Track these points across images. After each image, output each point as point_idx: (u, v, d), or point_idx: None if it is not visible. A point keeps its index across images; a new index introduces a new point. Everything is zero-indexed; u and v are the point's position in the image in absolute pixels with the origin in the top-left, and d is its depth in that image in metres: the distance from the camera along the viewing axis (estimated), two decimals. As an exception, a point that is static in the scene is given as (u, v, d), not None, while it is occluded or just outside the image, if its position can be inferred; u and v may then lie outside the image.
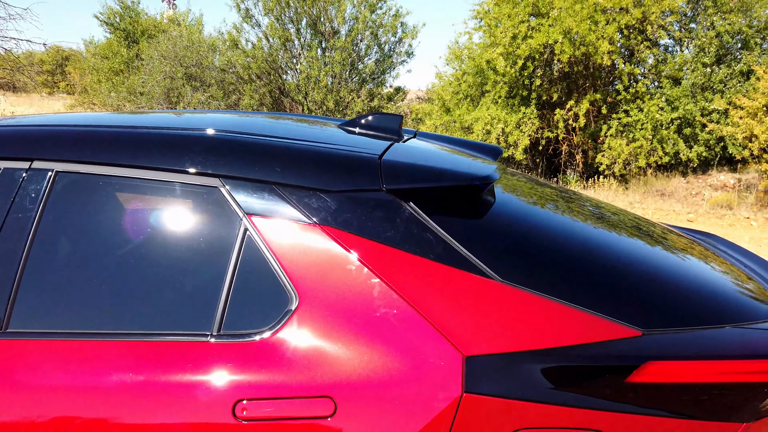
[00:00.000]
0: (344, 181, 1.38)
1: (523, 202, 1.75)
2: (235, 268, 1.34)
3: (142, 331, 1.34)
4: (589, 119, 14.55)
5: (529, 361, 1.18)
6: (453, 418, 1.17)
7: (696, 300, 1.36)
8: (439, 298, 1.24)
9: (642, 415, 1.15)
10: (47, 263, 1.44)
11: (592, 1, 13.04)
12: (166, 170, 1.43)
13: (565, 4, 13.36)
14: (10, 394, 1.30)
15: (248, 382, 1.24)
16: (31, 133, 1.57)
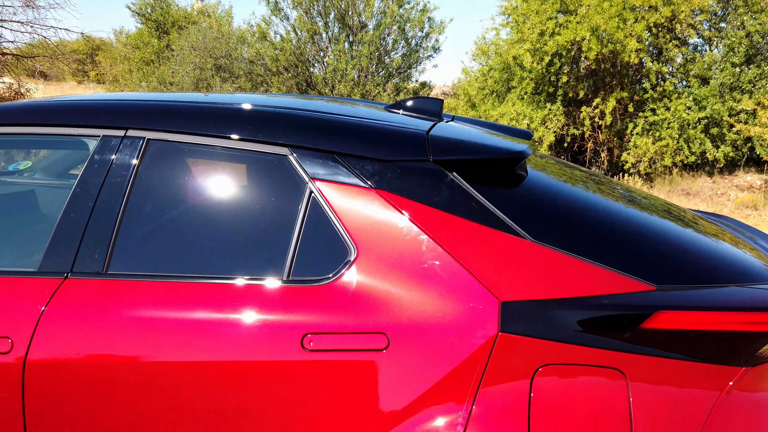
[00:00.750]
0: (397, 151, 1.59)
1: (552, 176, 1.92)
2: (302, 225, 1.56)
3: (223, 275, 1.55)
4: (615, 117, 14.56)
5: (556, 308, 1.37)
6: (489, 353, 1.37)
7: (705, 262, 1.53)
8: (479, 253, 1.44)
9: (654, 356, 1.33)
10: (141, 216, 1.66)
11: (621, -2, 13.06)
12: (242, 140, 1.65)
13: (593, 1, 13.38)
14: (109, 324, 1.52)
15: (314, 320, 1.47)
16: (125, 106, 1.79)
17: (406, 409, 1.38)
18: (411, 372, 1.39)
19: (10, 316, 1.57)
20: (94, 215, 1.64)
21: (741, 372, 1.34)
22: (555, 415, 1.33)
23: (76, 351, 1.52)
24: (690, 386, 1.34)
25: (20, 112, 1.83)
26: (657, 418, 1.31)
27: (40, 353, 1.53)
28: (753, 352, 1.34)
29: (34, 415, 1.53)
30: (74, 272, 1.61)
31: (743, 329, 1.32)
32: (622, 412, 1.31)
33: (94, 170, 1.69)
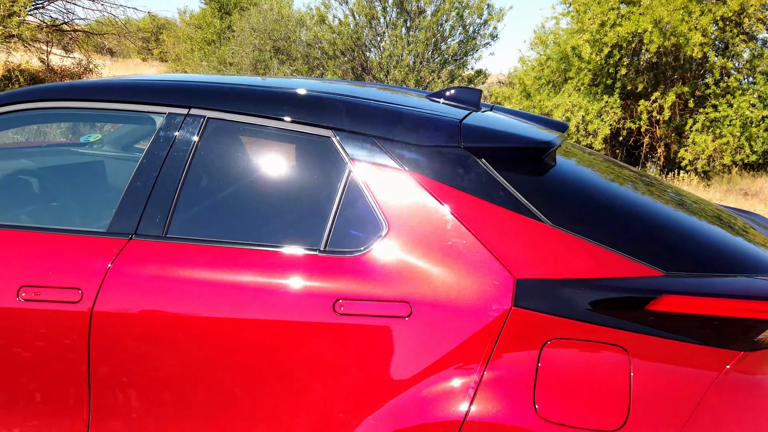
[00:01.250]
0: (430, 137, 1.71)
1: (579, 166, 1.99)
2: (340, 201, 1.71)
3: (268, 243, 1.72)
4: (674, 112, 14.23)
5: (566, 287, 1.49)
6: (503, 325, 1.50)
7: (716, 253, 1.62)
8: (499, 234, 1.57)
9: (656, 336, 1.44)
10: (198, 187, 1.86)
11: (687, -10, 12.71)
12: (291, 122, 1.81)
13: (658, -8, 13.07)
14: (166, 281, 1.72)
15: (345, 287, 1.61)
16: (189, 87, 1.98)
17: (424, 371, 1.52)
18: (430, 338, 1.53)
19: (81, 270, 1.77)
20: (157, 185, 1.83)
21: (739, 356, 1.43)
22: (559, 385, 1.45)
23: (136, 304, 1.72)
24: (689, 366, 1.44)
25: (98, 89, 2.03)
26: (655, 393, 1.41)
27: (105, 304, 1.73)
28: (751, 338, 1.44)
29: (97, 358, 1.73)
30: (138, 234, 1.80)
31: (743, 316, 1.41)
32: (622, 386, 1.42)
33: (159, 144, 1.89)
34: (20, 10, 11.92)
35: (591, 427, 1.41)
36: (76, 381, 1.75)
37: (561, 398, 1.44)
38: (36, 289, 1.76)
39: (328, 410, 1.58)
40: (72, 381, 1.76)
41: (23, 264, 1.81)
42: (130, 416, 1.73)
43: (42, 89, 2.07)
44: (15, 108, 2.03)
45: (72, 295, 1.75)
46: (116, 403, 1.74)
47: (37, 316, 1.77)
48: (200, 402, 1.68)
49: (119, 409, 1.74)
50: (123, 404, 1.74)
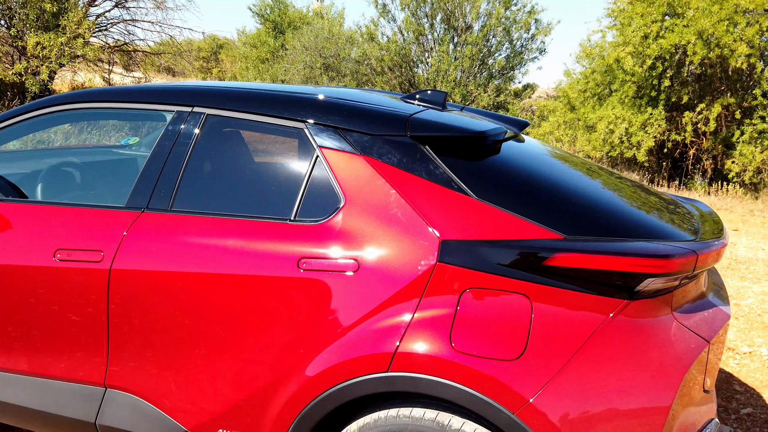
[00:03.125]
0: (382, 128, 2.08)
1: (518, 153, 2.30)
2: (308, 179, 2.08)
3: (251, 213, 2.12)
4: (720, 124, 14.08)
5: (483, 247, 1.81)
6: (429, 277, 1.83)
7: (613, 222, 1.94)
8: (431, 205, 1.91)
9: (554, 287, 1.75)
10: (197, 169, 2.30)
11: (732, 1, 12.63)
12: (272, 116, 2.23)
13: (702, 4, 13.03)
14: (170, 244, 2.13)
15: (308, 249, 1.97)
16: (194, 90, 2.44)
17: (367, 315, 1.86)
18: (372, 289, 1.87)
19: (103, 236, 2.21)
20: (165, 168, 2.25)
21: (623, 304, 1.72)
22: (472, 324, 1.76)
23: (144, 263, 2.12)
24: (580, 310, 1.73)
25: (121, 93, 2.53)
26: (550, 332, 1.71)
27: (121, 263, 2.14)
28: (632, 289, 1.72)
29: (115, 310, 2.15)
30: (149, 208, 2.22)
31: (623, 270, 1.70)
32: (523, 325, 1.73)
33: (168, 136, 2.31)
34: (85, 32, 12.87)
35: (495, 356, 1.71)
36: (99, 323, 2.18)
37: (473, 335, 1.74)
38: (68, 251, 2.22)
39: (292, 345, 1.94)
40: (95, 323, 2.19)
41: (59, 231, 2.28)
42: (139, 348, 2.15)
43: (79, 93, 2.58)
44: (60, 108, 2.55)
45: (95, 256, 2.19)
46: (128, 339, 2.15)
47: (68, 273, 2.22)
48: (193, 337, 2.07)
49: (131, 343, 2.16)
50: (133, 339, 2.15)
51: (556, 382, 1.67)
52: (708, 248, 1.84)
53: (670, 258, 1.70)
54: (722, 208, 11.25)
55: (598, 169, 2.59)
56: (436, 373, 1.75)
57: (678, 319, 1.80)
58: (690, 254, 1.74)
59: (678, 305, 1.83)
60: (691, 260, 1.74)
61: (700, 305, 1.95)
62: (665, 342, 1.74)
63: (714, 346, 1.86)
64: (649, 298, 1.75)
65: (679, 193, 13.33)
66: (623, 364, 1.69)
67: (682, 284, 1.83)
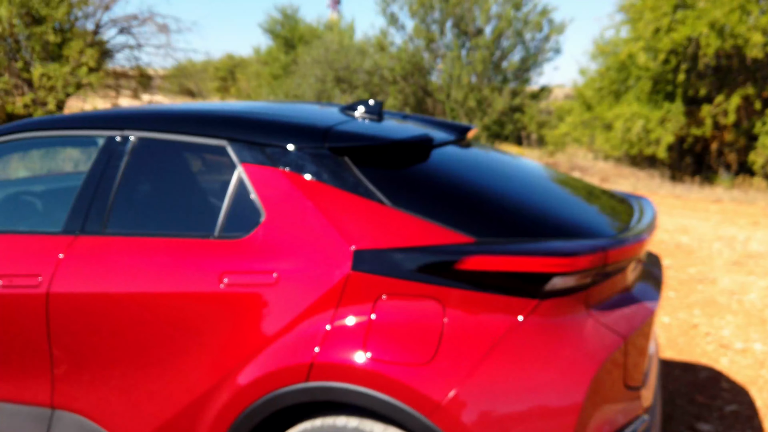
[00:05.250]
0: (300, 141, 2.08)
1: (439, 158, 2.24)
2: (231, 196, 2.09)
3: (178, 231, 2.14)
4: (741, 116, 13.65)
5: (396, 253, 1.82)
6: (344, 285, 1.84)
7: (530, 222, 1.92)
8: (344, 214, 1.92)
9: (464, 290, 1.75)
10: (127, 192, 2.32)
11: (745, -11, 12.26)
12: (195, 135, 2.23)
13: (713, -6, 12.67)
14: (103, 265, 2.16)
15: (230, 263, 1.99)
16: (121, 114, 2.50)
17: (286, 326, 1.88)
18: (291, 300, 1.89)
19: (41, 261, 2.26)
20: (97, 192, 2.30)
21: (533, 303, 1.72)
22: (386, 330, 1.78)
23: (81, 285, 2.16)
24: (490, 312, 1.74)
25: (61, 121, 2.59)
26: (461, 335, 1.72)
27: (58, 287, 2.19)
28: (540, 289, 1.72)
29: (55, 332, 2.20)
30: (83, 231, 2.26)
31: (531, 270, 1.69)
32: (435, 329, 1.74)
33: (99, 160, 2.37)
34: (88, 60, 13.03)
35: (407, 361, 1.72)
36: (41, 345, 2.24)
37: (386, 341, 1.76)
38: (9, 277, 2.30)
39: (219, 360, 1.97)
40: (38, 346, 2.25)
41: (2, 258, 2.36)
42: (80, 368, 2.20)
43: (16, 125, 2.66)
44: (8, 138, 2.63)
45: (33, 281, 2.25)
46: (70, 360, 2.21)
47: (9, 299, 2.29)
48: (128, 356, 2.11)
49: (72, 364, 2.21)
50: (74, 360, 2.20)
51: (467, 385, 1.68)
52: (621, 244, 1.82)
53: (576, 256, 1.70)
54: (744, 202, 10.87)
55: (537, 171, 2.58)
56: (352, 381, 1.76)
57: (594, 316, 1.79)
58: (598, 251, 1.74)
59: (595, 302, 1.81)
60: (600, 257, 1.74)
61: (620, 300, 1.92)
62: (576, 340, 1.74)
63: (635, 340, 1.84)
64: (560, 296, 1.74)
65: (702, 188, 12.93)
66: (534, 363, 1.70)
67: (598, 281, 1.80)
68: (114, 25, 15.46)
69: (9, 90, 13.12)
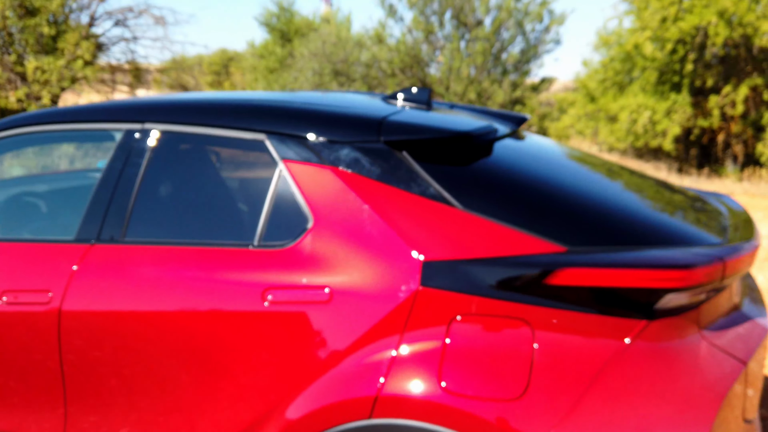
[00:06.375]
0: (351, 134, 1.82)
1: (510, 152, 2.01)
2: (272, 199, 1.83)
3: (210, 240, 1.88)
4: (748, 106, 13.45)
5: (472, 266, 1.56)
6: (412, 305, 1.58)
7: (624, 227, 1.66)
8: (409, 219, 1.66)
9: (558, 309, 1.49)
10: (150, 194, 2.04)
11: (754, -23, 12.05)
12: (228, 128, 1.95)
13: (722, -19, 12.45)
14: (122, 280, 1.89)
15: (273, 278, 1.73)
16: (140, 104, 2.18)
17: (343, 352, 1.63)
18: (348, 321, 1.63)
19: (51, 274, 1.97)
20: (116, 194, 2.02)
21: (640, 325, 1.46)
22: (465, 358, 1.52)
23: (98, 302, 1.89)
24: (590, 336, 1.48)
25: (64, 113, 2.28)
26: (556, 364, 1.46)
27: (72, 304, 1.91)
28: (651, 306, 1.46)
29: (68, 357, 1.92)
30: (99, 239, 1.98)
31: (639, 285, 1.44)
32: (524, 357, 1.48)
33: (117, 157, 2.07)
34: (84, 53, 12.71)
35: (494, 396, 1.47)
36: (53, 372, 1.96)
37: (466, 371, 1.51)
38: (15, 293, 2.00)
39: (263, 392, 1.71)
40: (49, 373, 1.96)
41: (5, 271, 2.06)
42: (98, 399, 1.93)
43: (15, 118, 2.34)
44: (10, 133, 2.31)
45: (43, 297, 1.95)
46: (86, 389, 1.93)
47: (15, 318, 2.00)
48: (155, 384, 1.84)
49: (89, 394, 1.93)
50: (92, 390, 1.92)
51: (568, 424, 1.43)
52: (737, 252, 1.57)
53: (693, 268, 1.45)
54: (757, 195, 10.66)
55: (608, 167, 2.30)
56: (424, 419, 1.52)
57: (708, 338, 1.53)
58: (716, 261, 1.49)
59: (707, 322, 1.56)
60: (718, 268, 1.49)
61: (733, 319, 1.66)
62: (694, 368, 1.49)
63: (753, 366, 1.59)
64: (672, 316, 1.48)
65: (711, 180, 12.73)
66: (646, 398, 1.43)
67: (710, 297, 1.55)
68: (109, 18, 15.16)
69: (2, 84, 12.83)
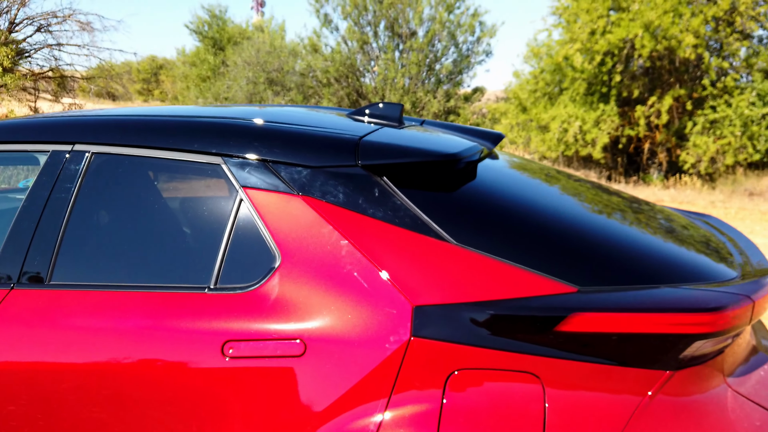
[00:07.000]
0: (324, 158, 1.56)
1: (499, 177, 1.82)
2: (231, 233, 1.56)
3: (154, 284, 1.58)
4: (672, 116, 14.01)
5: (470, 311, 1.33)
6: (402, 358, 1.34)
7: (638, 262, 1.46)
8: (396, 257, 1.42)
9: (572, 360, 1.28)
10: (81, 229, 1.71)
11: (675, -8, 12.58)
12: (177, 150, 1.66)
13: (646, -4, 12.95)
14: (49, 332, 1.58)
15: (235, 327, 1.45)
16: (74, 122, 1.84)
17: (320, 415, 1.38)
18: (326, 378, 1.39)
19: None
20: (39, 228, 1.69)
21: (665, 376, 1.28)
22: (466, 420, 1.30)
23: (16, 356, 1.59)
24: (609, 391, 1.29)
25: None
26: (572, 424, 1.26)
27: None
28: (675, 356, 1.27)
29: None
30: (20, 283, 1.67)
31: (664, 331, 1.26)
32: (536, 418, 1.27)
33: (42, 184, 1.75)
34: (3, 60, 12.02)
35: None
36: None
37: None
38: None
39: None
40: None
41: None
42: None
43: None
44: None
45: None
46: None
47: None
48: None
49: None
50: None
51: None
52: (763, 289, 1.39)
53: (723, 310, 1.26)
54: (684, 201, 11.08)
55: (593, 189, 2.10)
56: None
57: (733, 387, 1.35)
58: (746, 301, 1.30)
59: (730, 369, 1.39)
60: (748, 309, 1.30)
61: (753, 363, 1.49)
62: (722, 424, 1.29)
63: None
64: (697, 365, 1.31)
65: (638, 188, 13.17)
66: None
67: (734, 340, 1.39)
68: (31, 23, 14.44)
69: None
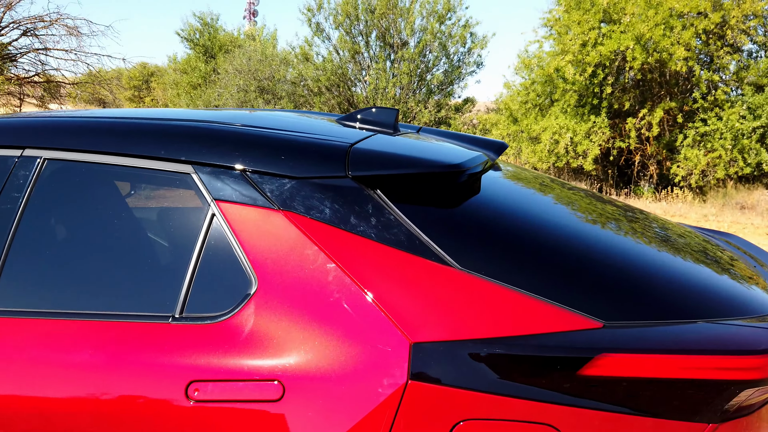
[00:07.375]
0: (310, 168, 1.37)
1: (501, 192, 1.66)
2: (200, 253, 1.36)
3: (110, 311, 1.38)
4: (663, 128, 13.99)
5: (479, 350, 1.14)
6: (398, 406, 1.14)
7: (670, 294, 1.28)
8: (393, 283, 1.22)
9: (598, 410, 1.09)
10: (33, 243, 1.51)
11: (667, 5, 12.56)
12: (140, 157, 1.45)
13: (638, 9, 12.93)
14: None
15: (203, 364, 1.25)
16: (24, 124, 1.65)
17: None
18: (307, 427, 1.19)
19: None
20: None
21: (708, 430, 1.10)
22: None
23: None
24: None
25: None
26: None
27: None
28: (720, 406, 1.09)
29: None
30: None
31: (707, 377, 1.08)
32: None
33: None
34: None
35: None
36: None
37: None
38: None
39: None
40: None
41: None
42: None
43: None
44: None
45: None
46: None
47: None
48: None
49: None
50: None
51: None
52: None
53: None
54: (676, 215, 11.03)
55: (611, 206, 1.92)
56: None
57: None
58: None
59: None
60: None
61: None
62: None
63: None
64: (743, 416, 1.13)
65: (629, 200, 13.12)
66: None
67: None
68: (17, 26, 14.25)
69: None
